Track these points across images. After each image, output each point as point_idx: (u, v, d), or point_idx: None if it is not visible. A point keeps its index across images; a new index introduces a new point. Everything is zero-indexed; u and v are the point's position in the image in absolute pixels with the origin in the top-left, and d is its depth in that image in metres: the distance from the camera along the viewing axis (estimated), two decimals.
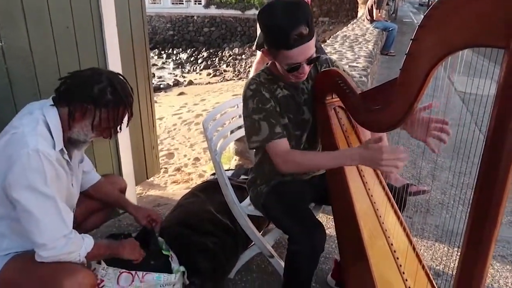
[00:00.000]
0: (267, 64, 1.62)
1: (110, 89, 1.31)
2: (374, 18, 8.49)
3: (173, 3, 25.38)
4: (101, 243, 1.49)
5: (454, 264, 0.93)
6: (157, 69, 16.80)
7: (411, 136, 1.40)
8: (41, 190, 1.21)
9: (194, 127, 6.39)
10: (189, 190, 2.42)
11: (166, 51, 21.52)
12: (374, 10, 8.44)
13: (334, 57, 4.09)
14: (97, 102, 1.29)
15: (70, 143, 1.37)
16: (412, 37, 1.15)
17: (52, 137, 1.28)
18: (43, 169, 1.21)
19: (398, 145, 1.31)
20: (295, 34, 1.31)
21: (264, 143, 1.48)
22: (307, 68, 1.44)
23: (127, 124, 1.41)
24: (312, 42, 1.38)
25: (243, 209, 1.80)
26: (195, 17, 24.14)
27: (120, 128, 1.39)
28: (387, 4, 11.89)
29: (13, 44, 1.70)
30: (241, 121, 2.07)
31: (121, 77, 1.39)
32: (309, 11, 1.36)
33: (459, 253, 0.91)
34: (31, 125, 1.27)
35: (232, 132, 2.05)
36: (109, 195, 1.74)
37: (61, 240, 1.26)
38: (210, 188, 2.26)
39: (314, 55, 1.41)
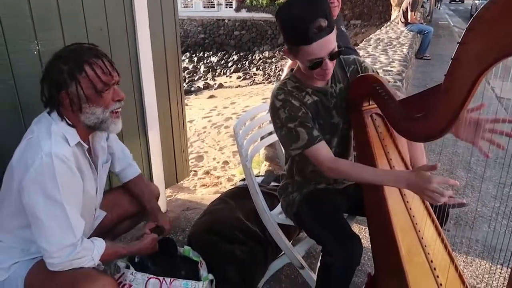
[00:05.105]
0: (292, 70, 1.57)
1: (61, 62, 1.24)
2: (409, 21, 8.26)
3: (204, 7, 25.74)
4: (116, 242, 1.45)
5: (497, 283, 0.84)
6: (188, 72, 17.02)
7: (457, 138, 1.28)
8: (50, 195, 1.19)
9: (224, 130, 6.39)
10: (218, 195, 2.39)
11: (197, 54, 21.80)
12: (409, 12, 8.20)
13: (367, 60, 3.97)
14: (63, 84, 1.23)
15: (94, 129, 1.34)
16: (459, 41, 1.08)
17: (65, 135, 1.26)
18: (55, 174, 1.18)
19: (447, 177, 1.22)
20: (313, 27, 1.28)
21: (305, 149, 1.45)
22: (330, 64, 1.38)
23: (112, 67, 1.30)
24: (332, 35, 1.33)
25: (274, 218, 1.75)
26: (226, 21, 24.35)
27: (111, 75, 1.29)
28: (422, 6, 11.56)
29: (49, 47, 1.71)
30: (271, 127, 2.03)
31: (70, 46, 1.32)
32: (327, 4, 1.33)
33: (502, 271, 0.83)
34: (46, 127, 1.25)
35: (262, 138, 2.01)
36: (144, 194, 1.69)
37: (67, 248, 1.23)
38: (239, 194, 2.22)
39: (336, 50, 1.36)
